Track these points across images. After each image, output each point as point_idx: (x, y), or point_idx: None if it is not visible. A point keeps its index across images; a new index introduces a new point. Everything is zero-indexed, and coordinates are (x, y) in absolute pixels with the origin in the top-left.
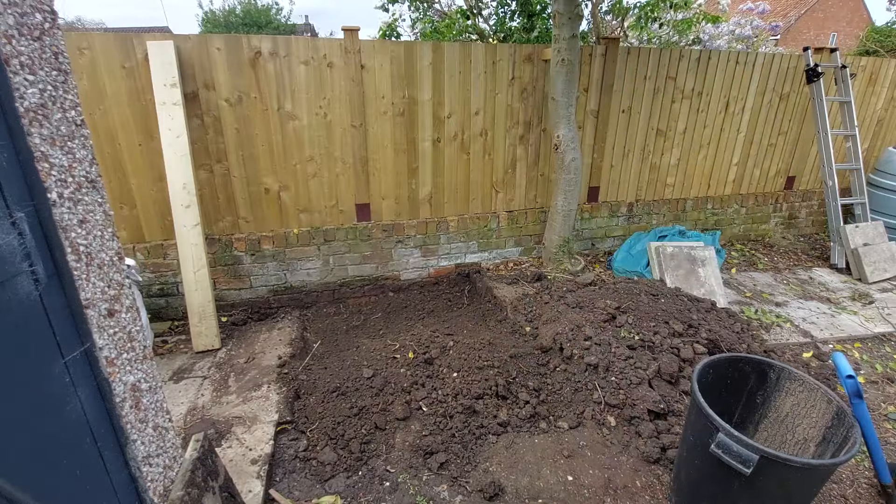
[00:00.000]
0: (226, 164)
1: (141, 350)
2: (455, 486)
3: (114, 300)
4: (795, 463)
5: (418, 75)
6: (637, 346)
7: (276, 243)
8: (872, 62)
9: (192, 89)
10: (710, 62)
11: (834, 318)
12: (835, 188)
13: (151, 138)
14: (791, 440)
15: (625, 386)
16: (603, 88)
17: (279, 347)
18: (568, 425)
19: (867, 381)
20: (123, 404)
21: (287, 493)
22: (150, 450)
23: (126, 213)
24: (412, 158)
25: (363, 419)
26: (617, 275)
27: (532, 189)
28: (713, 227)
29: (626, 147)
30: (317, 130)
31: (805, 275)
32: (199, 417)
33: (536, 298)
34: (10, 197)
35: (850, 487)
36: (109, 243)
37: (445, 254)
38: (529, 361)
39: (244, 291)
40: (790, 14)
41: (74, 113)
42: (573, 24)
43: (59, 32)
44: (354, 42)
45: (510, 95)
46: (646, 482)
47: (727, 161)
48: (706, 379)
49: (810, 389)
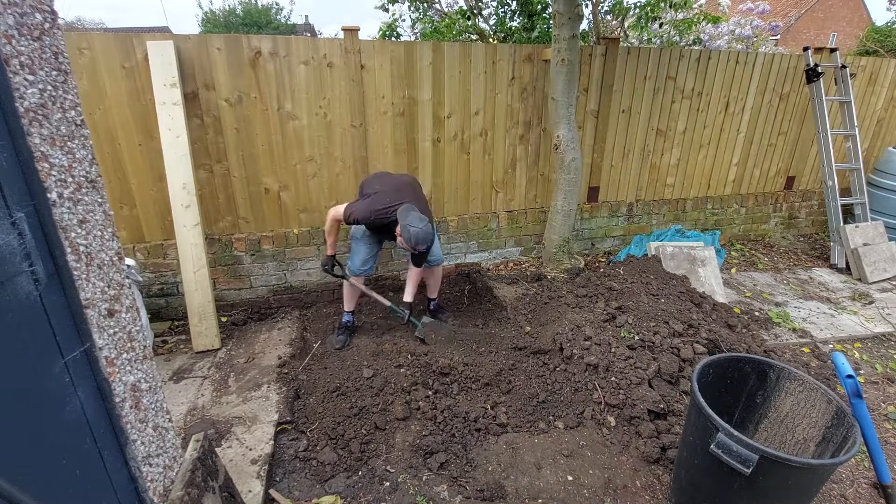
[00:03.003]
0: (226, 164)
1: (141, 350)
2: (455, 486)
3: (114, 300)
4: (795, 463)
5: (418, 75)
6: (637, 346)
7: (276, 243)
8: (872, 62)
9: (192, 89)
10: (710, 62)
11: (834, 318)
12: (835, 188)
13: (151, 138)
14: (791, 440)
15: (625, 386)
16: (603, 88)
17: (279, 347)
18: (568, 425)
19: (867, 381)
20: (123, 404)
21: (287, 493)
22: (150, 450)
23: (126, 213)
24: (412, 158)
25: (363, 419)
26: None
27: (532, 189)
28: (713, 227)
29: (626, 147)
30: (317, 130)
31: (805, 275)
32: (199, 417)
33: (536, 298)
34: (10, 197)
35: (850, 487)
36: (109, 243)
37: (445, 254)
38: (529, 361)
39: (244, 291)
40: (790, 14)
41: (74, 113)
42: (573, 24)
43: (59, 32)
44: (354, 42)
45: (510, 95)
46: (646, 482)
47: (727, 161)
48: (706, 379)
49: (810, 389)
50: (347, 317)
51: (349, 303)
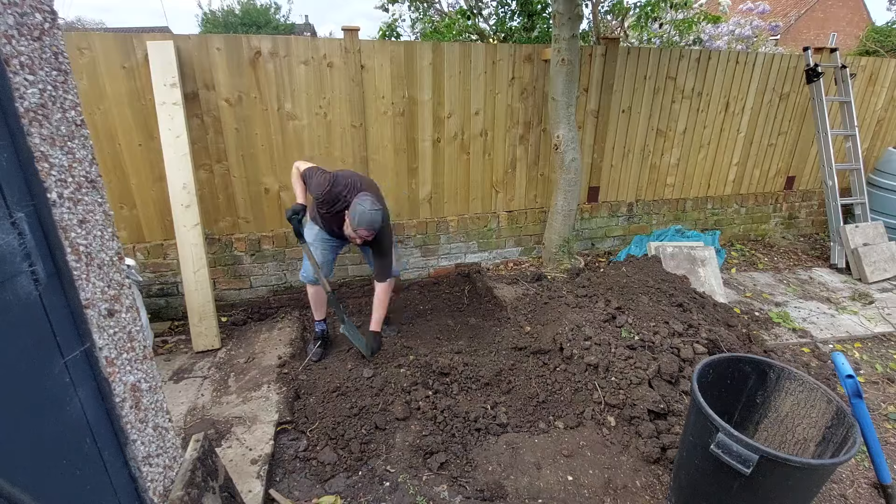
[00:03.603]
0: (226, 164)
1: (141, 350)
2: (455, 486)
3: (114, 300)
4: (795, 463)
5: (418, 75)
6: (637, 346)
7: (276, 243)
8: (872, 62)
9: (192, 89)
10: (710, 62)
11: (834, 318)
12: (835, 188)
13: (151, 138)
14: (791, 440)
15: (625, 386)
16: (603, 88)
17: (279, 347)
18: (568, 425)
19: (867, 381)
20: (123, 404)
21: (287, 493)
22: (150, 450)
23: (126, 213)
24: (412, 158)
25: (363, 419)
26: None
27: (532, 189)
28: (713, 226)
29: (626, 147)
30: (317, 130)
31: (805, 275)
32: (199, 417)
33: (536, 298)
34: (10, 197)
35: (850, 487)
36: (109, 243)
37: (445, 254)
38: (529, 361)
39: (244, 291)
40: (790, 14)
41: (74, 113)
42: (573, 24)
43: (59, 32)
44: (354, 42)
45: (510, 95)
46: (646, 482)
47: (727, 161)
48: (706, 379)
49: (810, 389)
50: (320, 325)
51: (318, 311)
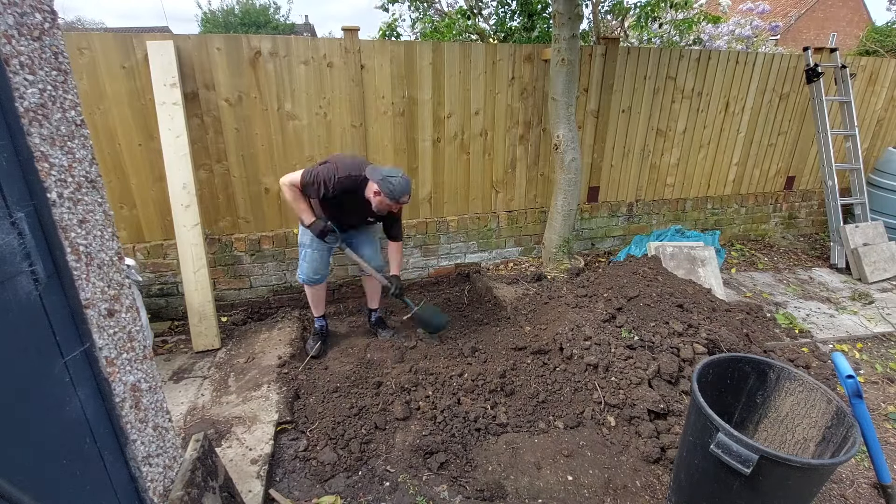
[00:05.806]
0: (226, 164)
1: (141, 350)
2: (455, 486)
3: (114, 300)
4: (795, 463)
5: (418, 75)
6: (637, 346)
7: (276, 243)
8: (872, 62)
9: (191, 89)
10: (710, 62)
11: (834, 318)
12: (835, 188)
13: (151, 138)
14: (791, 440)
15: (625, 386)
16: (603, 88)
17: (279, 347)
18: (568, 425)
19: (867, 381)
20: (123, 404)
21: (287, 493)
22: (150, 450)
23: (126, 213)
24: (412, 158)
25: (363, 419)
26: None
27: (532, 189)
28: (713, 226)
29: (626, 147)
30: (317, 130)
31: (805, 275)
32: (199, 417)
33: (536, 298)
34: (10, 197)
35: (850, 487)
36: (109, 243)
37: (445, 254)
38: (529, 361)
39: (244, 291)
40: (790, 14)
41: (74, 113)
42: (573, 23)
43: (58, 32)
44: (354, 42)
45: (510, 95)
46: (645, 482)
47: (727, 161)
48: (706, 379)
49: (810, 389)
50: (319, 322)
51: (317, 308)
